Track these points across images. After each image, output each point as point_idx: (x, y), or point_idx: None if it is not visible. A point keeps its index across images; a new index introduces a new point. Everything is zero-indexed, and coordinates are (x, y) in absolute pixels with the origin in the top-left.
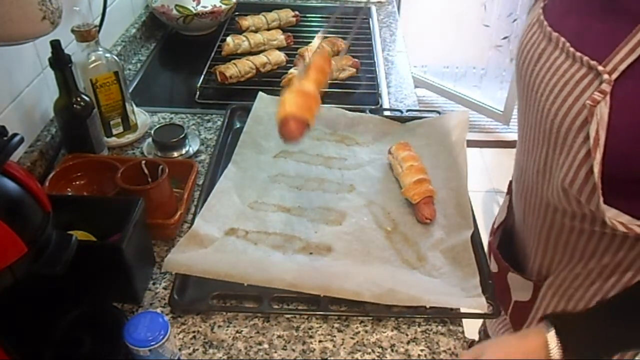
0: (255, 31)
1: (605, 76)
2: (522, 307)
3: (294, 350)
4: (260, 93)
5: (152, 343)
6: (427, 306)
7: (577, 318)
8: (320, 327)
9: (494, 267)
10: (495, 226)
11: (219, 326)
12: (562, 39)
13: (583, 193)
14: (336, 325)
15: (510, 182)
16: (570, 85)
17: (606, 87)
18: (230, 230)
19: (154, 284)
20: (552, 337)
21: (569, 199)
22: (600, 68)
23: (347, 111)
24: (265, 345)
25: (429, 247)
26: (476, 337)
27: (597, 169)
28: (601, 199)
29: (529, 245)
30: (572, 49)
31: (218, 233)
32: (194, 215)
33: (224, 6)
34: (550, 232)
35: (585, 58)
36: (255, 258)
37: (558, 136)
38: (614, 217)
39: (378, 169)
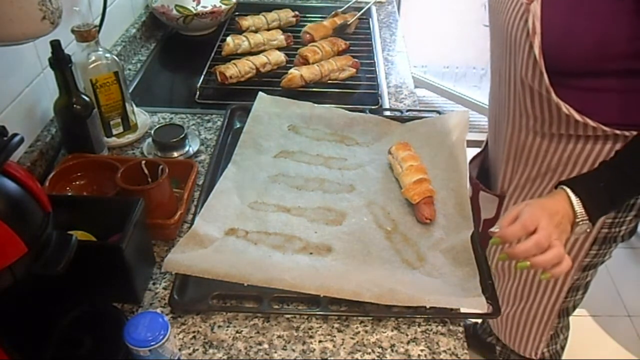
0: (255, 31)
1: None
2: (488, 224)
3: (294, 350)
4: (260, 93)
5: (152, 343)
6: (427, 306)
7: (585, 177)
8: (320, 327)
9: (469, 191)
10: (472, 158)
11: (219, 326)
12: None
13: (535, 79)
14: (336, 325)
15: None
16: None
17: None
18: (230, 230)
19: (154, 284)
20: (570, 192)
21: (525, 93)
22: None
23: (347, 111)
24: (265, 345)
25: (429, 247)
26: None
27: (537, 51)
28: (545, 77)
29: (497, 165)
30: None
31: (218, 233)
32: (194, 215)
33: (224, 6)
34: (511, 143)
35: None
36: (255, 258)
37: (512, 40)
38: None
39: (378, 169)
